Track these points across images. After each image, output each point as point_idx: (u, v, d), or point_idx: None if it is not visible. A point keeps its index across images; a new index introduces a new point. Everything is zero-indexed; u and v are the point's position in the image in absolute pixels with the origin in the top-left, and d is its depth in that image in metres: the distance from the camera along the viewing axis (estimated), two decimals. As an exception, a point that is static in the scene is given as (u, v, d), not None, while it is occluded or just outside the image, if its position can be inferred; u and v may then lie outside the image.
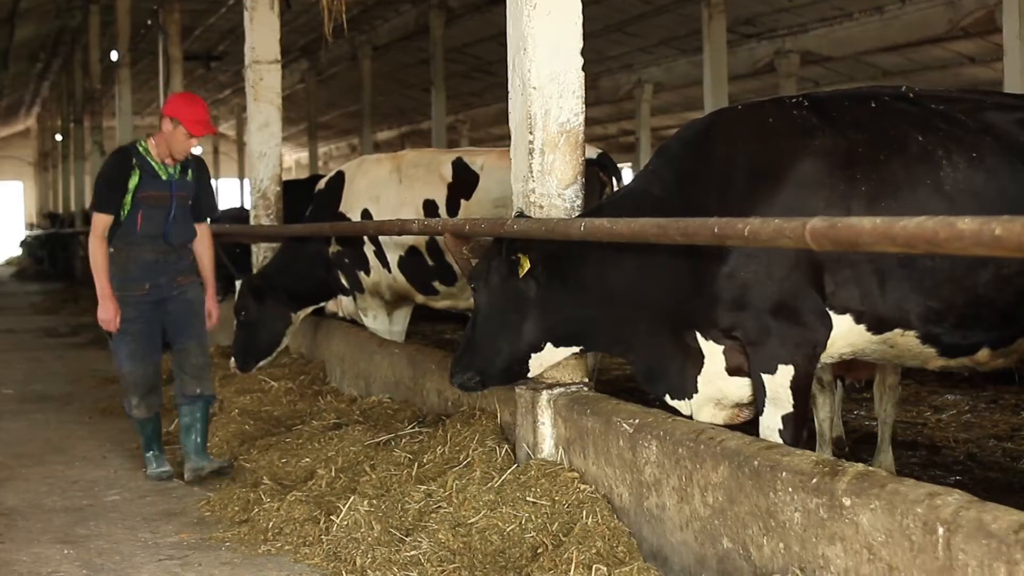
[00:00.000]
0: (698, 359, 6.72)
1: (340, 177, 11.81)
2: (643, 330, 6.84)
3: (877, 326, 6.44)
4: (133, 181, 9.00)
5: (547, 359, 7.10)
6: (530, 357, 7.05)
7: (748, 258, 6.29)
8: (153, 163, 9.09)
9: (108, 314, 9.00)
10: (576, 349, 7.16)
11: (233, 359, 11.88)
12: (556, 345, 7.05)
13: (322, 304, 12.39)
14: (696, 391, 6.80)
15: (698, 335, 6.66)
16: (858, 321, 6.41)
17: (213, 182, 10.81)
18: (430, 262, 10.85)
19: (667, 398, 6.94)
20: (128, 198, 9.02)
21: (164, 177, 9.12)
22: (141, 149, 9.14)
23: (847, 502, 4.67)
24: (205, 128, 9.04)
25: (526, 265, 6.85)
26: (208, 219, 9.74)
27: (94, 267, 9.02)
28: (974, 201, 6.20)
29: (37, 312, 26.01)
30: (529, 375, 7.16)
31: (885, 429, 8.54)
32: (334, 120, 52.20)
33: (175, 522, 7.93)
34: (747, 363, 6.57)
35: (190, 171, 9.34)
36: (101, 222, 9.04)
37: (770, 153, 6.50)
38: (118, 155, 9.28)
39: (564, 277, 6.88)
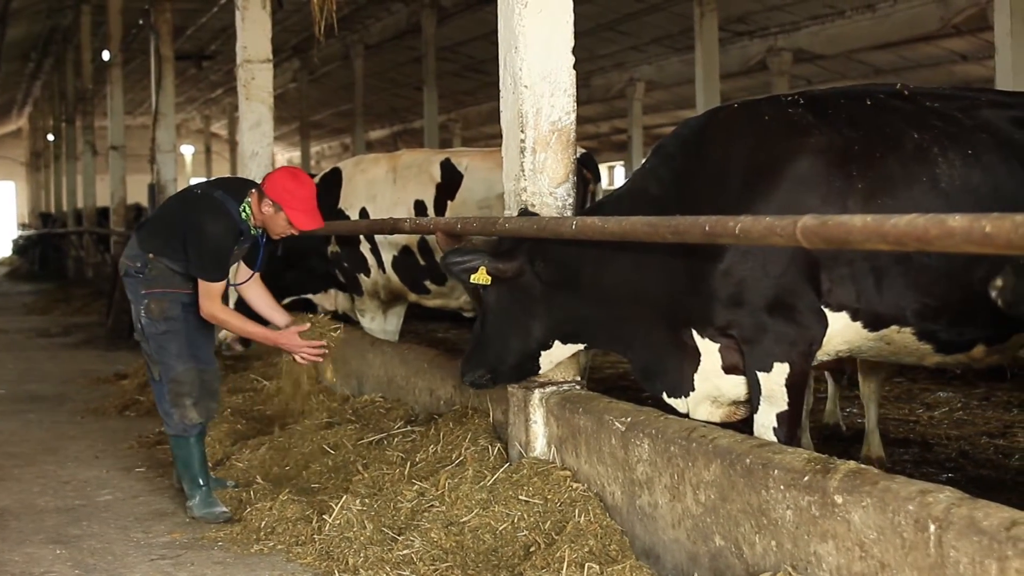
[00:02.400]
0: (695, 357, 6.72)
1: (337, 174, 11.84)
2: (641, 328, 6.85)
3: (873, 323, 6.44)
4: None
5: (556, 356, 7.12)
6: (540, 355, 7.08)
7: (744, 256, 6.30)
8: (251, 227, 8.19)
9: (295, 345, 8.41)
10: (582, 346, 7.19)
11: None
12: (564, 342, 7.08)
13: (308, 295, 12.38)
14: (693, 389, 6.80)
15: (695, 333, 6.66)
16: (854, 318, 6.41)
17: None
18: (421, 261, 10.91)
19: (664, 396, 6.95)
20: None
21: (253, 232, 8.25)
22: (244, 216, 8.14)
23: (839, 500, 4.67)
24: (313, 221, 8.09)
25: (485, 279, 6.91)
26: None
27: (241, 330, 8.39)
28: (970, 198, 6.21)
29: (29, 312, 25.95)
30: (540, 372, 7.18)
31: (871, 407, 8.75)
32: (326, 119, 52.26)
33: (167, 522, 7.92)
34: (743, 361, 6.57)
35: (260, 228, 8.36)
36: (217, 290, 8.14)
37: (766, 151, 6.50)
38: (229, 222, 8.11)
39: (565, 275, 6.89)
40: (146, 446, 10.30)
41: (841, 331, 6.45)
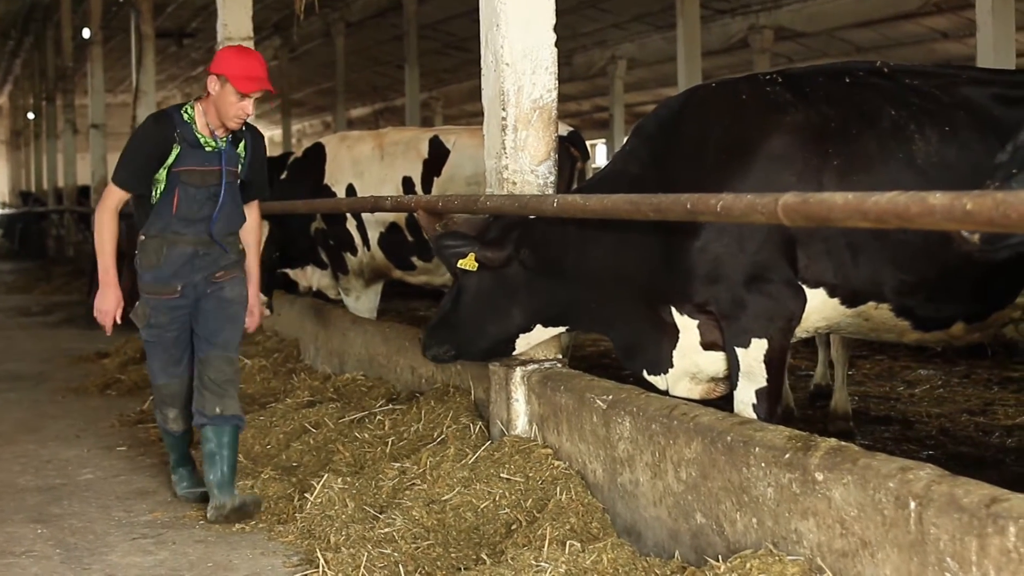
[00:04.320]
0: (673, 334, 6.75)
1: (320, 149, 11.85)
2: (623, 308, 6.87)
3: (851, 299, 6.47)
4: (172, 155, 7.38)
5: (535, 338, 7.16)
6: (519, 337, 7.10)
7: (720, 232, 6.32)
8: (197, 134, 7.41)
9: (108, 304, 7.50)
10: (563, 329, 7.20)
11: None
12: (546, 326, 7.11)
13: (287, 270, 12.38)
14: (672, 366, 6.83)
15: (673, 310, 6.69)
16: (832, 295, 6.44)
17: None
18: (410, 237, 10.93)
19: (644, 373, 6.98)
20: (163, 174, 7.41)
21: (210, 149, 7.45)
22: (185, 116, 7.43)
23: (820, 477, 4.68)
24: (259, 83, 7.36)
25: (472, 265, 6.91)
26: (258, 200, 8.06)
27: (99, 244, 7.49)
28: (947, 174, 6.23)
29: (9, 291, 25.89)
30: (514, 353, 7.20)
31: (839, 367, 9.18)
32: (307, 97, 52.09)
33: (149, 501, 7.90)
34: (722, 337, 6.59)
35: (244, 142, 7.68)
36: (115, 196, 7.50)
37: (742, 129, 6.54)
38: (157, 124, 7.51)
39: (550, 261, 6.90)
40: (127, 425, 10.27)
41: (819, 307, 6.47)
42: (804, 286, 6.41)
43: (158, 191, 7.44)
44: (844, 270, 6.38)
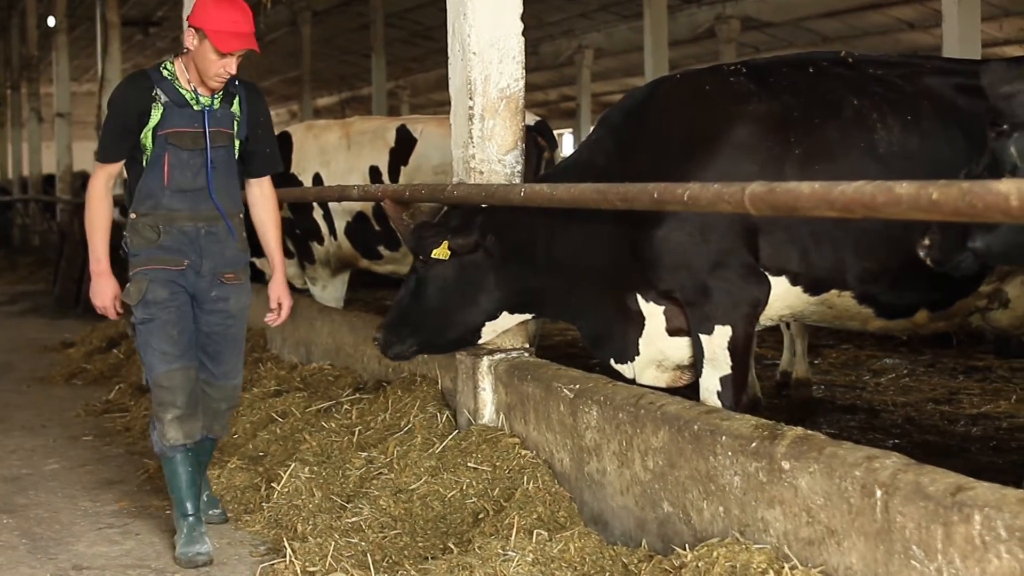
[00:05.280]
0: (640, 322, 6.78)
1: (287, 138, 11.81)
2: (589, 296, 6.89)
3: (814, 287, 6.50)
4: (155, 116, 6.45)
5: (500, 326, 7.15)
6: (484, 325, 7.09)
7: (683, 221, 6.36)
8: (181, 89, 6.50)
9: (103, 297, 6.57)
10: (529, 316, 7.20)
11: None
12: (512, 312, 7.10)
13: (254, 259, 12.35)
14: (638, 353, 6.85)
15: (639, 297, 6.72)
16: (794, 283, 6.47)
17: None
18: (377, 227, 10.93)
19: (612, 362, 7.00)
20: (148, 138, 6.47)
21: (197, 107, 6.52)
22: (165, 73, 6.53)
23: (786, 465, 4.69)
24: (242, 41, 6.38)
25: (445, 254, 6.87)
26: (269, 175, 7.09)
27: (89, 229, 6.54)
28: (908, 163, 6.28)
29: (-26, 281, 25.79)
30: (480, 342, 7.19)
31: (799, 341, 9.71)
32: (274, 86, 51.91)
33: (115, 491, 7.88)
34: (687, 324, 6.62)
35: (237, 101, 6.69)
36: (102, 174, 6.57)
37: (706, 119, 6.60)
38: (131, 83, 6.63)
39: (514, 246, 6.89)
40: (93, 415, 10.25)
41: (782, 295, 6.51)
42: (766, 274, 6.44)
43: (145, 160, 6.50)
44: (806, 258, 6.41)
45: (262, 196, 7.03)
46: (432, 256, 6.89)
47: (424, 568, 5.65)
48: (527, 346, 7.38)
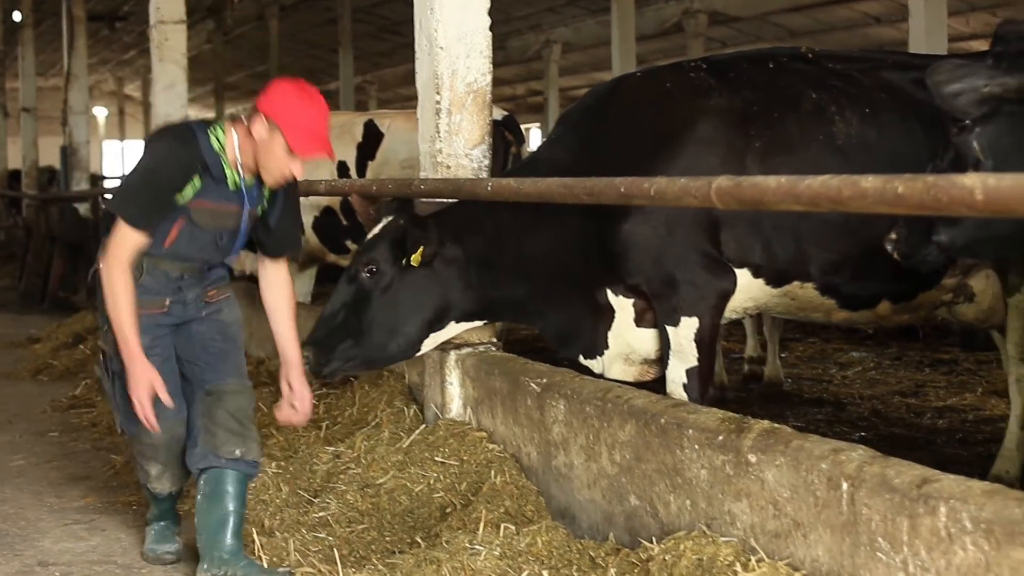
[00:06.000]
0: (609, 315, 6.78)
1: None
2: (555, 295, 6.85)
3: (776, 279, 6.55)
4: (189, 190, 5.75)
5: (443, 336, 6.95)
6: (428, 337, 6.86)
7: (648, 215, 6.38)
8: (225, 166, 5.79)
9: (140, 386, 5.70)
10: (480, 323, 7.10)
11: None
12: (459, 322, 6.91)
13: None
14: (607, 347, 6.85)
15: (608, 292, 6.72)
16: (756, 275, 6.51)
17: (119, 146, 6.93)
18: (344, 221, 10.90)
19: (580, 358, 6.99)
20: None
21: (233, 188, 5.85)
22: (213, 142, 5.77)
23: (753, 459, 4.70)
24: (319, 146, 5.74)
25: (419, 258, 6.64)
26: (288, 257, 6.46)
27: (113, 309, 5.69)
28: (866, 155, 6.37)
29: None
30: (418, 354, 7.00)
31: (775, 333, 9.94)
32: (241, 81, 51.78)
33: (81, 486, 7.85)
34: (655, 317, 6.65)
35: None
36: (130, 243, 5.69)
37: (667, 115, 6.65)
38: (183, 146, 5.77)
39: (473, 251, 6.78)
40: (59, 410, 10.22)
41: (745, 288, 6.55)
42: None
43: None
44: (768, 250, 6.45)
45: (277, 278, 6.37)
46: (411, 262, 6.64)
47: (391, 562, 5.63)
48: (495, 340, 7.38)
